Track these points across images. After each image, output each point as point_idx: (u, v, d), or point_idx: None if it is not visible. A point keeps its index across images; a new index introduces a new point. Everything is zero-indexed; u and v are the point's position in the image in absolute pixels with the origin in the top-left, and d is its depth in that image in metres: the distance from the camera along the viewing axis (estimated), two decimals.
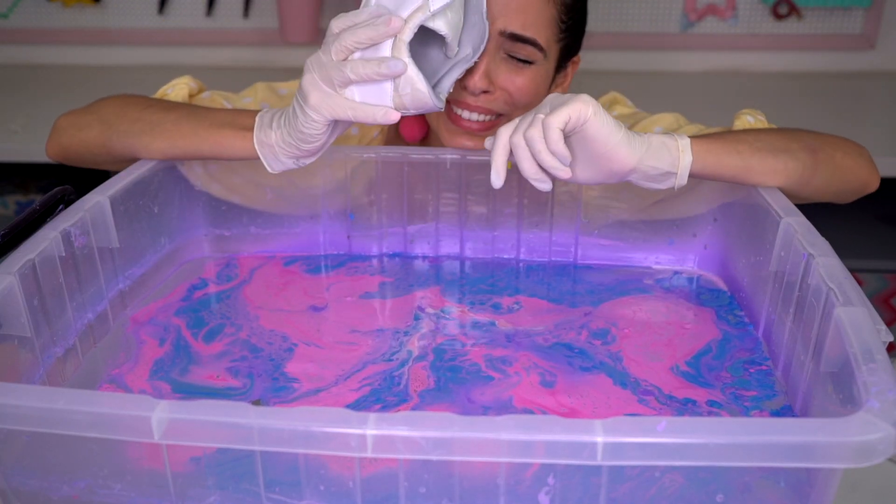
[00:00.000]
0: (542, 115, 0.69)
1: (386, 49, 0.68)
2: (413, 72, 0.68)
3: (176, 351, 0.75)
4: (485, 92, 0.84)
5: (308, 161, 0.76)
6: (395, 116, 0.69)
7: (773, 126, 0.90)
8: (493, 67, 0.84)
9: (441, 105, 0.72)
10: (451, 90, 0.79)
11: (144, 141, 0.81)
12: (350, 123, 0.72)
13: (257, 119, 0.76)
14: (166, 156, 0.81)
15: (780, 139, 0.78)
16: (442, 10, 0.69)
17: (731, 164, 0.74)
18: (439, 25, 0.70)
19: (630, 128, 0.72)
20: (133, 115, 0.82)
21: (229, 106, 0.95)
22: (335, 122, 0.71)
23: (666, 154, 0.71)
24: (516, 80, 0.85)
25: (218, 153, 0.79)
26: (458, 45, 0.75)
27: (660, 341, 0.76)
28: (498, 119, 0.87)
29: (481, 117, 0.87)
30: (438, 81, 0.78)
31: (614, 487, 0.50)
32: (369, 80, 0.68)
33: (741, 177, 0.76)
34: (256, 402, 0.68)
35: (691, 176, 0.73)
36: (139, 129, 0.81)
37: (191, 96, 0.94)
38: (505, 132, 0.71)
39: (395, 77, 0.67)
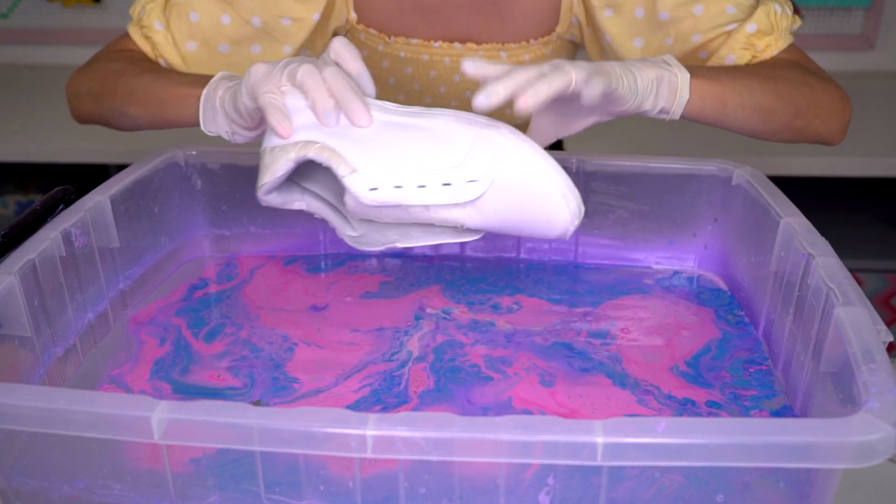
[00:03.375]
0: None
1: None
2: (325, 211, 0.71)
3: (176, 351, 0.75)
4: None
5: (240, 138, 0.75)
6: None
7: (788, 38, 0.85)
8: None
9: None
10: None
11: (128, 113, 0.82)
12: None
13: (216, 77, 0.75)
14: (144, 125, 0.83)
15: (772, 98, 0.77)
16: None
17: (715, 115, 0.75)
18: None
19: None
20: (112, 87, 0.83)
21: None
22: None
23: (664, 96, 0.71)
24: None
25: (176, 111, 0.78)
26: None
27: (660, 341, 0.76)
28: None
29: None
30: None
31: (614, 488, 0.50)
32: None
33: (719, 125, 0.77)
34: (257, 403, 0.68)
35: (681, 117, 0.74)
36: (120, 103, 0.82)
37: (163, 9, 0.89)
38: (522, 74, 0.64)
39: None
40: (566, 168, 0.65)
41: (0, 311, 0.62)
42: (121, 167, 0.92)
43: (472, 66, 0.65)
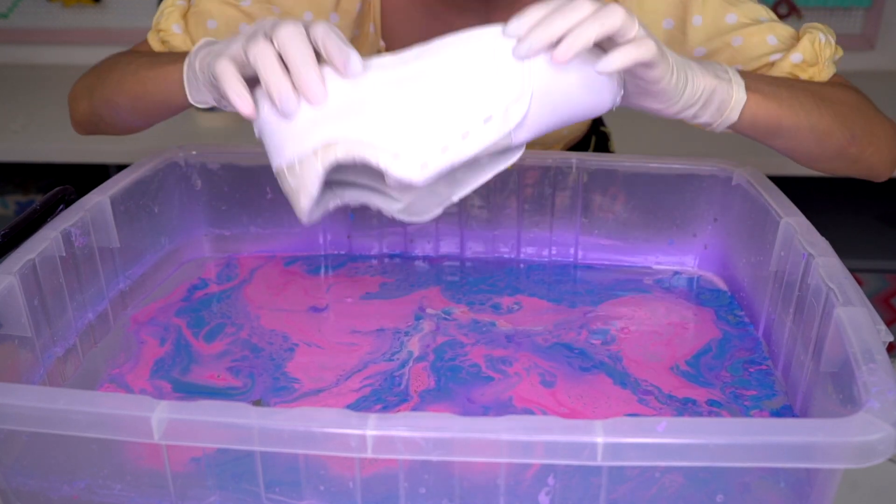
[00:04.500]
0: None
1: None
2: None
3: (176, 351, 0.75)
4: None
5: (228, 106, 0.63)
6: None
7: (832, 68, 0.80)
8: None
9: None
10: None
11: (117, 101, 0.80)
12: None
13: (198, 44, 0.68)
14: (131, 112, 0.80)
15: (830, 120, 0.71)
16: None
17: (766, 134, 0.68)
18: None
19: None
20: (105, 76, 0.82)
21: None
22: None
23: (710, 111, 0.64)
24: None
25: (161, 87, 0.74)
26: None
27: (660, 341, 0.76)
28: None
29: None
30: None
31: (614, 488, 0.50)
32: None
33: (768, 143, 0.71)
34: (257, 402, 0.68)
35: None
36: (110, 92, 0.80)
37: (183, 16, 0.87)
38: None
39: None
40: (567, 170, 0.66)
41: (0, 311, 0.62)
42: (121, 167, 0.92)
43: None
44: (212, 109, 0.79)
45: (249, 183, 0.88)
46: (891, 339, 0.56)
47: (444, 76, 0.57)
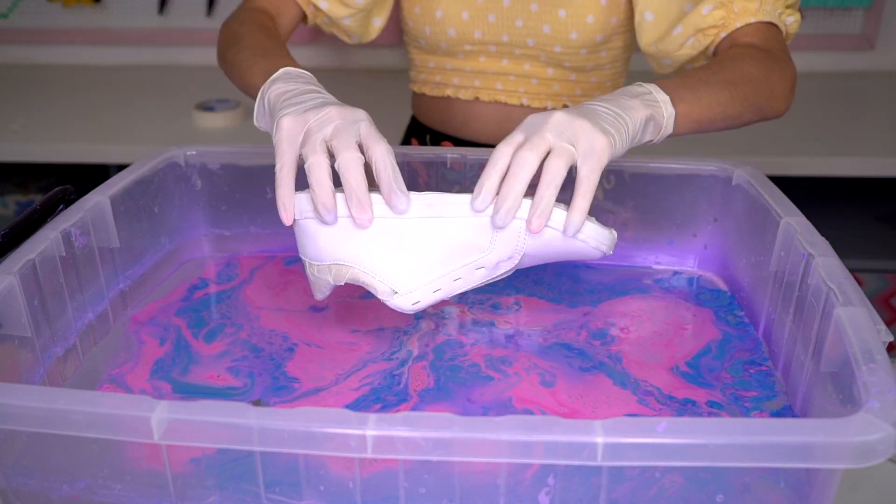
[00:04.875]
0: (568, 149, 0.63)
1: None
2: None
3: (176, 351, 0.75)
4: None
5: None
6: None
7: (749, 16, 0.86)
8: None
9: None
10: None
11: (232, 80, 0.85)
12: None
13: (274, 76, 0.73)
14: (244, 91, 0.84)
15: (740, 105, 0.79)
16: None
17: (687, 132, 0.76)
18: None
19: None
20: (229, 58, 0.85)
21: None
22: None
23: (650, 132, 0.72)
24: None
25: (252, 95, 0.78)
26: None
27: (659, 341, 0.76)
28: None
29: None
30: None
31: (614, 488, 0.50)
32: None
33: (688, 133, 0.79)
34: (257, 402, 0.68)
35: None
36: (227, 68, 0.86)
37: None
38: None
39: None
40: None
41: (0, 311, 0.62)
42: (121, 167, 0.92)
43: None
44: None
45: (249, 183, 0.88)
46: (891, 339, 0.56)
47: (452, 230, 0.66)
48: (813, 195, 1.57)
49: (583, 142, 0.63)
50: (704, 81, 0.77)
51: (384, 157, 0.62)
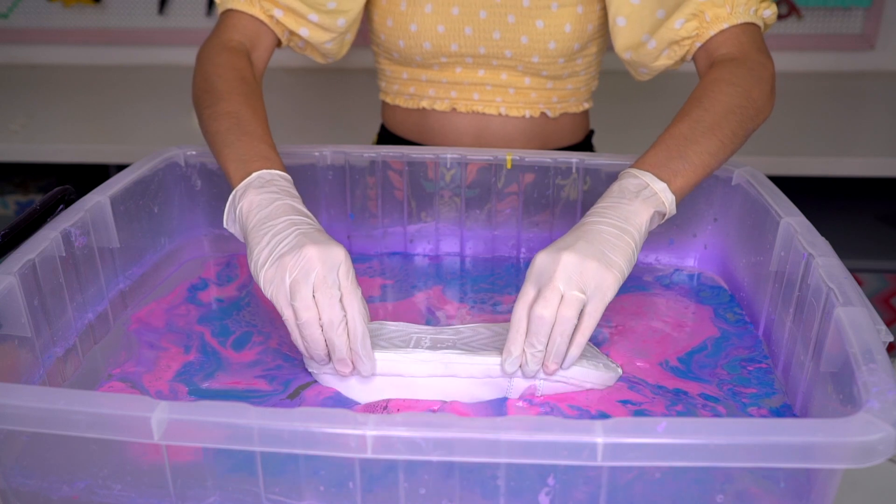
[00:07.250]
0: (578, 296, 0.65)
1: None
2: None
3: (205, 357, 0.74)
4: None
5: None
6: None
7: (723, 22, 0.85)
8: None
9: None
10: None
11: (209, 147, 0.81)
12: None
13: (246, 180, 0.71)
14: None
15: (730, 147, 0.77)
16: None
17: (692, 189, 0.75)
18: None
19: None
20: (205, 118, 0.82)
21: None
22: None
23: (655, 222, 0.71)
24: None
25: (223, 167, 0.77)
26: None
27: (655, 338, 0.76)
28: None
29: None
30: None
31: (614, 488, 0.50)
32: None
33: None
34: (293, 394, 0.69)
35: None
36: (205, 135, 0.81)
37: None
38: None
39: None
40: (567, 170, 0.65)
41: (0, 311, 0.62)
42: (121, 167, 0.92)
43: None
44: None
45: None
46: (891, 339, 0.56)
47: (458, 387, 0.68)
48: (813, 195, 1.57)
49: (591, 284, 0.65)
50: (690, 139, 0.75)
51: (355, 320, 0.65)
